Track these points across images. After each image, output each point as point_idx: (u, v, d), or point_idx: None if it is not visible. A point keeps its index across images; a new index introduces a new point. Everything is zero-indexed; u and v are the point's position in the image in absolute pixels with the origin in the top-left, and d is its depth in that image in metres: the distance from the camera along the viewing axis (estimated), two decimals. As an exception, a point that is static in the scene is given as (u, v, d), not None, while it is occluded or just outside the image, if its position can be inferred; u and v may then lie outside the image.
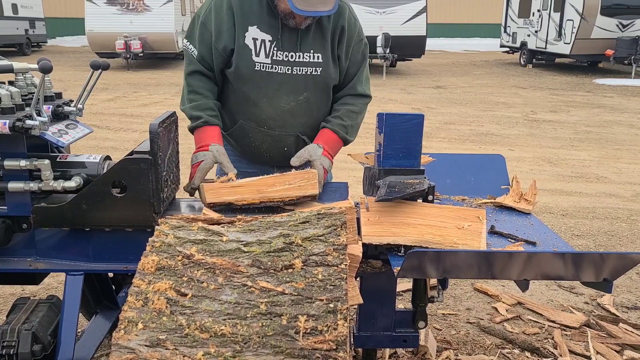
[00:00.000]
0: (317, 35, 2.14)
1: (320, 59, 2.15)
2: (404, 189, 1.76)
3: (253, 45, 2.11)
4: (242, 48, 2.11)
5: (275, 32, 2.10)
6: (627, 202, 5.29)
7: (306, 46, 2.13)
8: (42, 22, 22.07)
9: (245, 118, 2.23)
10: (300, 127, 2.24)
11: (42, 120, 1.73)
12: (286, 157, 2.26)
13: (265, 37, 2.10)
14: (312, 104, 2.21)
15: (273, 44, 2.10)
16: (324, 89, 2.22)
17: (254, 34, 2.10)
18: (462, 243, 1.67)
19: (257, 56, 2.11)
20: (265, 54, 2.11)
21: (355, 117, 2.27)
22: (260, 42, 2.10)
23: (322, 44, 2.15)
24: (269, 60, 2.12)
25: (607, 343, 2.82)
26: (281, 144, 2.25)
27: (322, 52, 2.15)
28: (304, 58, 2.13)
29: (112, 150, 6.57)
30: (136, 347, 1.28)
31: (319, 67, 2.16)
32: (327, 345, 1.30)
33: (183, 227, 1.54)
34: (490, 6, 29.43)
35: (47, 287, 3.30)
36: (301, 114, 2.21)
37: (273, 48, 2.11)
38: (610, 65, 16.94)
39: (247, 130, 2.25)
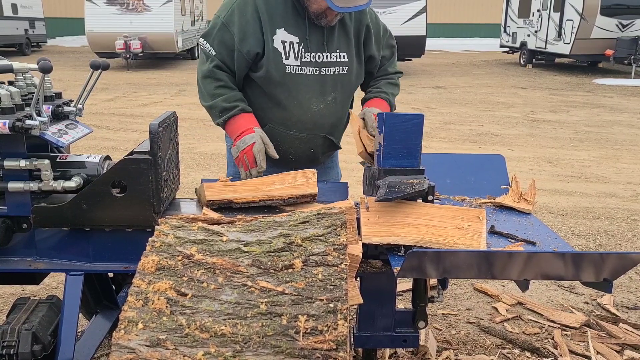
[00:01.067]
0: (341, 34, 2.14)
1: (346, 58, 2.16)
2: (404, 189, 1.76)
3: (282, 48, 2.08)
4: (272, 52, 2.08)
5: (302, 33, 2.09)
6: (627, 202, 5.29)
7: (332, 46, 2.12)
8: (42, 22, 22.06)
9: (274, 122, 2.20)
10: (327, 128, 2.24)
11: (42, 120, 1.73)
12: (311, 159, 2.27)
13: (293, 39, 2.08)
14: (339, 104, 2.21)
15: (301, 45, 2.09)
16: (349, 88, 2.23)
17: (282, 36, 2.08)
18: (462, 243, 1.67)
19: (287, 59, 2.09)
20: (294, 56, 2.09)
21: (394, 87, 2.33)
22: (289, 45, 2.08)
23: (347, 43, 2.15)
24: (299, 62, 2.10)
25: (607, 343, 2.82)
26: (309, 145, 2.24)
27: (347, 51, 2.16)
28: (331, 58, 2.13)
29: (112, 150, 6.57)
30: (136, 347, 1.28)
31: (345, 66, 2.16)
32: (327, 345, 1.30)
33: (183, 227, 1.54)
34: (490, 6, 29.42)
35: (47, 287, 3.30)
36: (329, 114, 2.21)
37: (301, 50, 2.09)
38: (610, 65, 16.94)
39: (274, 134, 2.20)
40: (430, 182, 1.82)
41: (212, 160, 6.46)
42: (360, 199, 1.86)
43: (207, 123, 8.28)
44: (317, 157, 2.28)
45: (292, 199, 1.89)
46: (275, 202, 1.89)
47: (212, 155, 6.67)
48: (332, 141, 2.28)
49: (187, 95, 11.33)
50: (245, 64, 2.12)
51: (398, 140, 1.85)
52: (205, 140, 7.42)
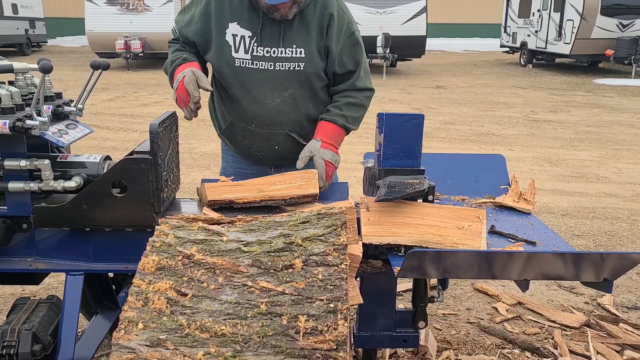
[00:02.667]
0: (301, 30, 2.11)
1: (303, 54, 2.11)
2: (404, 189, 1.76)
3: (232, 41, 2.10)
4: (222, 44, 2.11)
5: (255, 28, 2.08)
6: (627, 202, 5.28)
7: (289, 41, 2.10)
8: (42, 22, 22.07)
9: (234, 116, 2.23)
10: (288, 125, 2.20)
11: (42, 120, 1.73)
12: (279, 156, 2.25)
13: (245, 32, 2.09)
14: (297, 100, 2.17)
15: (253, 39, 2.09)
16: (308, 85, 2.17)
17: (233, 30, 2.09)
18: (462, 243, 1.67)
19: (237, 52, 2.10)
20: (244, 50, 2.10)
21: (356, 109, 2.21)
22: (240, 38, 2.09)
23: (306, 39, 2.11)
24: (249, 56, 2.10)
25: (607, 343, 2.82)
26: (271, 142, 2.22)
27: (305, 47, 2.11)
28: (286, 53, 2.10)
29: (112, 150, 6.57)
30: (136, 347, 1.28)
31: (301, 62, 2.11)
32: (327, 345, 1.30)
33: (183, 227, 1.54)
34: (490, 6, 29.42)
35: (47, 287, 3.30)
36: (287, 111, 2.17)
37: (253, 44, 2.09)
38: (610, 65, 16.95)
39: (236, 129, 2.24)
40: (430, 182, 1.82)
41: (212, 160, 6.46)
42: (361, 198, 1.86)
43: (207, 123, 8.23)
44: (285, 154, 2.24)
45: (293, 199, 1.89)
46: (277, 202, 1.89)
47: (212, 155, 6.67)
48: (295, 138, 2.22)
49: (187, 95, 11.31)
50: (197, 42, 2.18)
51: (398, 140, 1.84)
52: (205, 140, 7.42)
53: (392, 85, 13.45)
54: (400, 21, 15.84)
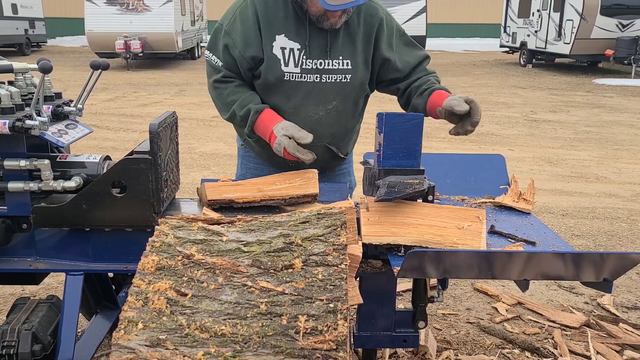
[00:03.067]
0: (346, 41, 2.05)
1: (350, 65, 2.06)
2: (403, 189, 1.76)
3: (282, 54, 2.02)
4: (271, 58, 2.03)
5: (303, 40, 2.02)
6: (627, 202, 5.29)
7: (335, 52, 2.04)
8: (42, 22, 22.07)
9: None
10: (328, 138, 2.15)
11: (42, 120, 1.73)
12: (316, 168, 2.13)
13: (293, 45, 2.02)
14: (341, 112, 2.12)
15: (302, 52, 2.02)
16: (353, 97, 2.13)
17: (282, 42, 2.02)
18: (462, 243, 1.67)
19: (287, 66, 2.03)
20: (294, 63, 2.03)
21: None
22: (289, 51, 2.02)
23: (352, 50, 2.06)
24: (299, 69, 2.03)
25: (607, 343, 2.82)
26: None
27: (352, 59, 2.06)
28: (333, 65, 2.05)
29: (112, 150, 6.57)
30: (136, 347, 1.28)
31: (348, 74, 2.07)
32: (327, 345, 1.30)
33: (183, 227, 1.54)
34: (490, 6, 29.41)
35: (47, 287, 3.30)
36: (330, 123, 2.12)
37: (302, 56, 2.02)
38: (610, 65, 16.94)
39: None
40: (430, 182, 1.82)
41: (212, 160, 6.46)
42: (360, 198, 1.86)
43: (207, 123, 8.29)
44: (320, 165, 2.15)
45: (293, 199, 1.89)
46: (277, 202, 1.89)
47: (212, 155, 6.67)
48: (333, 151, 2.18)
49: (187, 95, 11.33)
50: (250, 69, 2.07)
51: (398, 140, 1.84)
52: (205, 140, 7.42)
53: (392, 85, 13.42)
54: (400, 21, 15.67)
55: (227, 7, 2.15)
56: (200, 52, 20.54)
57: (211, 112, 9.30)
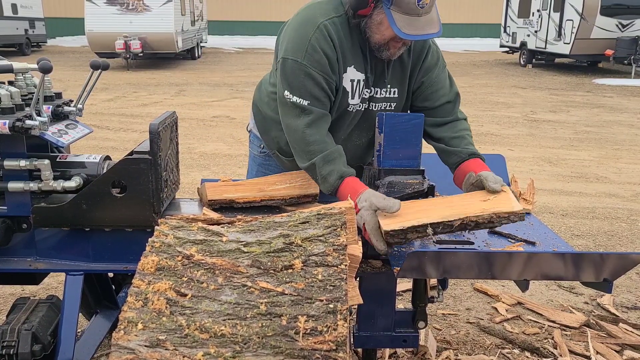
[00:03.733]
0: (397, 70, 2.01)
1: (397, 94, 2.04)
2: (403, 189, 1.76)
3: (350, 87, 1.95)
4: (341, 91, 1.95)
5: (366, 70, 1.96)
6: (627, 202, 5.29)
7: (383, 83, 2.01)
8: (42, 22, 22.07)
9: None
10: (365, 158, 2.16)
11: (42, 120, 1.73)
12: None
13: (360, 76, 1.95)
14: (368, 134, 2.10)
15: (364, 83, 1.97)
16: None
17: (351, 75, 1.94)
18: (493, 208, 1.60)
19: (352, 98, 1.97)
20: (358, 95, 1.98)
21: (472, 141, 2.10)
22: (356, 83, 1.95)
23: (401, 79, 2.03)
24: (359, 100, 1.99)
25: (607, 343, 2.82)
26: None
27: (399, 87, 2.03)
28: (381, 93, 2.02)
29: (112, 150, 6.57)
30: (136, 348, 1.28)
31: (393, 102, 2.04)
32: (327, 346, 1.30)
33: (183, 228, 1.54)
34: (490, 6, 29.41)
35: (47, 287, 3.29)
36: (368, 147, 2.12)
37: (364, 88, 1.97)
38: (610, 65, 16.94)
39: None
40: (430, 182, 1.82)
41: (212, 160, 6.46)
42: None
43: (207, 123, 8.29)
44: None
45: (294, 199, 1.89)
46: (277, 202, 1.89)
47: (212, 155, 6.67)
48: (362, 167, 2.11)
49: (187, 96, 11.33)
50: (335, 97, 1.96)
51: (398, 140, 1.85)
52: (205, 140, 7.42)
53: (392, 85, 13.43)
54: (400, 21, 15.81)
55: (227, 7, 2.14)
56: (200, 52, 20.51)
57: (211, 112, 9.31)
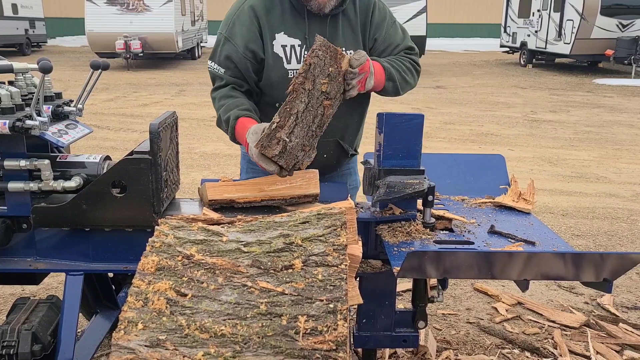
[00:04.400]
0: (347, 31, 2.05)
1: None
2: (403, 189, 1.76)
3: (283, 52, 2.01)
4: (272, 57, 2.01)
5: (302, 34, 2.02)
6: (627, 202, 5.28)
7: (337, 43, 2.01)
8: (42, 22, 22.07)
9: None
10: (339, 132, 2.13)
11: (42, 120, 1.73)
12: (324, 165, 2.11)
13: (294, 42, 2.01)
14: (348, 106, 2.08)
15: (302, 47, 2.02)
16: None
17: (282, 40, 2.01)
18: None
19: (289, 63, 2.02)
20: (296, 60, 2.02)
21: (401, 65, 2.09)
22: (290, 48, 2.01)
23: (354, 39, 2.06)
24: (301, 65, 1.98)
25: (607, 343, 2.82)
26: (321, 151, 2.04)
27: (353, 47, 2.05)
28: None
29: (112, 150, 6.57)
30: (136, 348, 1.28)
31: None
32: (327, 346, 1.30)
33: (183, 228, 1.54)
34: (490, 6, 29.42)
35: (47, 287, 3.30)
36: (338, 117, 2.06)
37: (303, 52, 2.02)
38: (610, 65, 16.95)
39: None
40: (430, 182, 1.82)
41: (212, 160, 6.46)
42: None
43: (207, 123, 8.29)
44: (330, 163, 2.17)
45: (294, 199, 1.89)
46: (277, 202, 1.89)
47: (212, 155, 6.67)
48: (344, 148, 2.17)
49: (187, 96, 11.33)
50: (253, 68, 2.03)
51: (398, 140, 1.85)
52: (205, 140, 7.42)
53: (392, 85, 13.42)
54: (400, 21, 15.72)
55: (227, 7, 2.14)
56: (200, 52, 20.54)
57: (211, 112, 9.28)
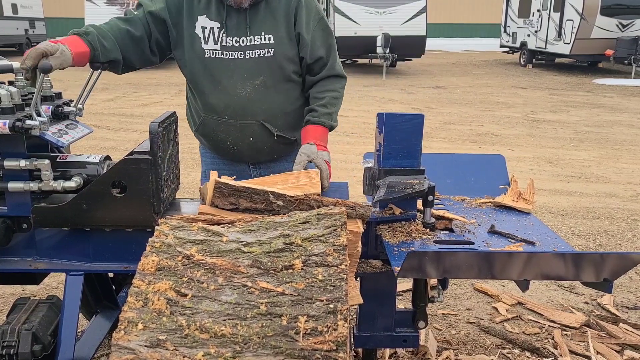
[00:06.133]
0: (267, 17, 2.13)
1: (272, 40, 2.13)
2: (403, 189, 1.76)
3: (202, 33, 2.13)
4: (192, 37, 2.14)
5: (222, 19, 2.11)
6: (627, 202, 5.28)
7: (256, 29, 2.12)
8: (42, 22, 22.07)
9: (206, 110, 2.22)
10: (262, 115, 2.19)
11: (42, 120, 1.73)
12: (255, 150, 2.24)
13: (213, 24, 2.12)
14: (269, 87, 2.17)
15: (221, 30, 2.11)
16: (280, 71, 2.17)
17: (202, 22, 2.13)
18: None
19: (206, 43, 2.13)
20: (214, 41, 2.12)
21: (338, 102, 2.24)
22: (209, 30, 2.12)
23: (274, 25, 2.13)
24: (219, 46, 2.13)
25: (607, 343, 2.82)
26: (246, 133, 2.21)
27: (274, 33, 2.13)
28: (255, 41, 2.12)
29: (112, 150, 6.57)
30: (136, 348, 1.28)
31: (271, 48, 2.13)
32: (327, 346, 1.30)
33: (183, 228, 1.54)
34: (490, 6, 29.43)
35: (47, 287, 3.30)
36: (259, 99, 2.17)
37: (222, 34, 2.11)
38: (610, 65, 16.95)
39: (210, 124, 2.23)
40: (431, 182, 1.82)
41: (212, 160, 6.45)
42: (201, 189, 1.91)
43: (207, 123, 8.23)
44: (260, 147, 2.23)
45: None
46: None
47: (212, 155, 6.66)
48: (269, 129, 2.21)
49: (187, 95, 11.32)
50: (156, 22, 2.14)
51: (398, 140, 1.85)
52: (205, 140, 7.42)
53: (392, 85, 13.45)
54: (400, 21, 15.83)
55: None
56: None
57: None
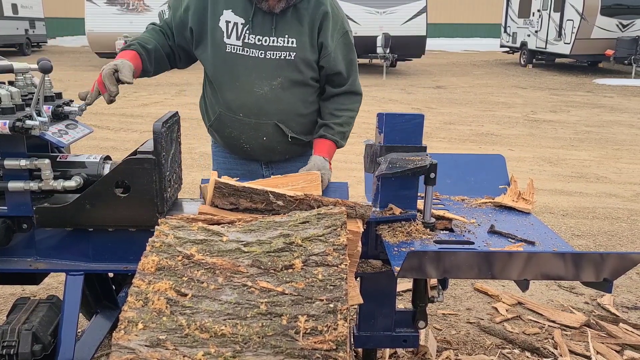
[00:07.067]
0: (294, 22, 2.13)
1: (295, 44, 2.13)
2: (405, 165, 1.76)
3: (225, 27, 2.12)
4: (215, 30, 2.13)
5: (247, 15, 2.11)
6: (627, 202, 5.29)
7: (281, 31, 2.12)
8: (42, 22, 22.07)
9: (222, 106, 2.22)
10: (277, 115, 2.19)
11: (42, 120, 1.73)
12: (267, 149, 2.25)
13: (238, 20, 2.11)
14: (286, 90, 2.17)
15: (245, 27, 2.11)
16: (298, 75, 2.17)
17: (227, 16, 2.12)
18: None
19: (229, 38, 2.12)
20: (236, 37, 2.12)
21: (352, 122, 2.27)
22: (232, 25, 2.12)
23: (298, 30, 2.13)
24: (240, 42, 2.12)
25: (607, 343, 2.82)
26: (259, 133, 2.21)
27: (297, 37, 2.13)
28: (278, 42, 2.12)
29: (112, 150, 6.57)
30: (136, 347, 1.28)
31: (292, 51, 2.13)
32: (327, 346, 1.30)
33: (183, 227, 1.54)
34: (490, 6, 29.42)
35: (47, 287, 3.30)
36: (276, 100, 2.17)
37: (245, 31, 2.11)
38: (610, 65, 16.95)
39: (225, 120, 2.23)
40: (433, 160, 1.80)
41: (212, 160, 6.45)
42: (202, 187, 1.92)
43: (207, 123, 8.24)
44: (273, 147, 2.24)
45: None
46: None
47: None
48: (283, 130, 2.21)
49: (188, 96, 11.33)
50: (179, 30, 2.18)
51: (398, 140, 1.84)
52: (205, 140, 7.41)
53: (392, 85, 13.45)
54: (400, 21, 15.84)
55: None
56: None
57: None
